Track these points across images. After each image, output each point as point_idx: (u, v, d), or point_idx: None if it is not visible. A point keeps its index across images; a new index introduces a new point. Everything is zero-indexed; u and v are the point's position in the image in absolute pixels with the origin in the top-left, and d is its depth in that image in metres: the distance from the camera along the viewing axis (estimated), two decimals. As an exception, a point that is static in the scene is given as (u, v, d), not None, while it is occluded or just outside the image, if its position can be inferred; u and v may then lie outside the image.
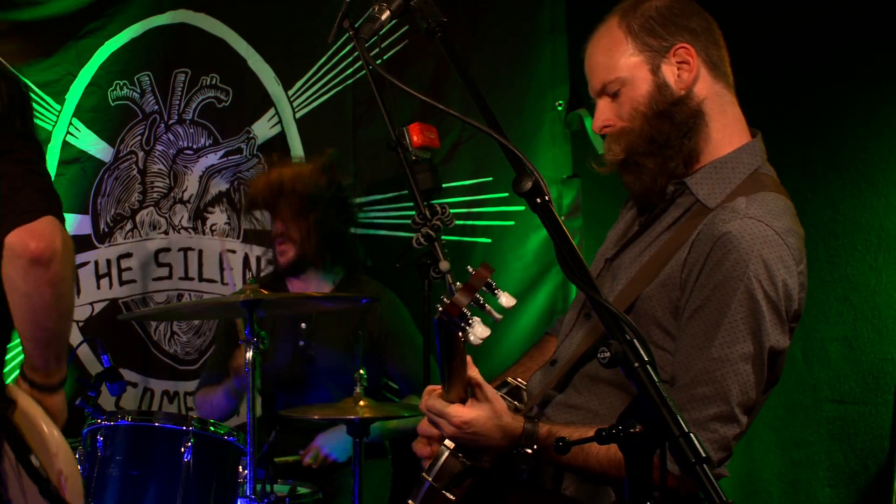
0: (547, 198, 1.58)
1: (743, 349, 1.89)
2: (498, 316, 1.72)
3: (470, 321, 1.73)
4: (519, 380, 2.19)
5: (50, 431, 2.21)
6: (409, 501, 2.12)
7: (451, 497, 2.06)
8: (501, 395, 2.06)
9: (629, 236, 2.18)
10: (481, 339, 1.73)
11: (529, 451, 1.95)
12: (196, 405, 4.21)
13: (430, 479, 2.08)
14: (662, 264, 2.02)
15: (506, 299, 1.72)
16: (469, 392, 1.98)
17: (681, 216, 2.05)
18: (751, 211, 1.93)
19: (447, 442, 2.07)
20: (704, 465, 1.35)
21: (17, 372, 2.27)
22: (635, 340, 1.45)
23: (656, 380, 1.43)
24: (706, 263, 1.94)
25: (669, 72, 2.03)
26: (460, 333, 1.75)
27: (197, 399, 4.16)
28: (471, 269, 1.73)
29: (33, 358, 2.24)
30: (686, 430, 1.39)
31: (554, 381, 2.12)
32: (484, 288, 1.71)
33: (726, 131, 2.06)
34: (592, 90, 2.15)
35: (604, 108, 2.10)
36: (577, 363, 2.09)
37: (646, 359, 1.43)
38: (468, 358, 1.92)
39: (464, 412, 1.96)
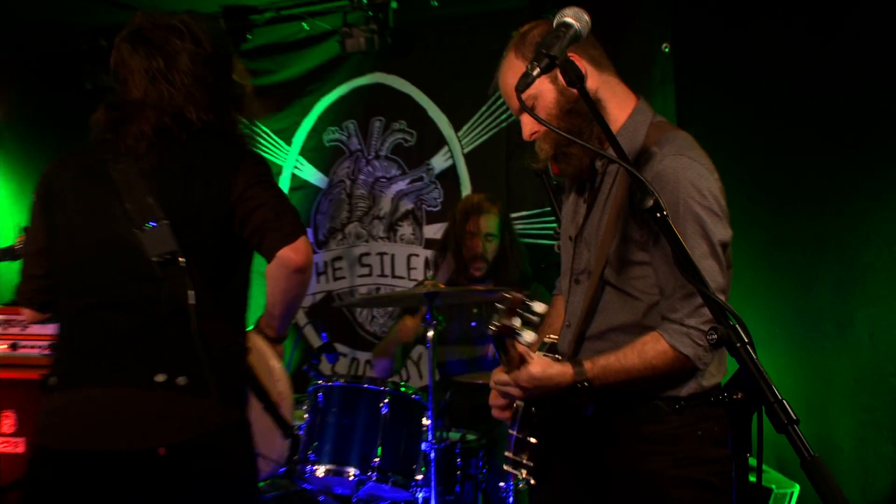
0: (666, 213, 1.57)
1: (701, 251, 1.91)
2: (536, 319, 1.81)
3: (518, 332, 1.82)
4: (552, 336, 2.21)
5: (276, 364, 2.27)
6: (507, 453, 2.18)
7: (534, 441, 2.11)
8: (544, 354, 2.09)
9: (584, 213, 2.15)
10: (529, 343, 1.85)
11: (586, 383, 1.94)
12: (373, 364, 4.40)
13: (514, 432, 2.15)
14: (619, 220, 2.01)
15: (538, 307, 1.83)
16: (521, 362, 1.98)
17: (613, 181, 2.05)
18: (665, 150, 1.96)
19: (518, 402, 2.14)
20: (795, 426, 1.36)
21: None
22: (737, 325, 1.44)
23: (755, 357, 1.43)
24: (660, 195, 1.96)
25: (564, 78, 1.89)
26: (515, 341, 1.86)
27: (374, 361, 4.36)
28: (508, 295, 1.82)
29: (277, 324, 2.28)
30: (780, 398, 1.39)
31: (573, 340, 2.11)
32: (520, 308, 1.79)
33: (620, 106, 2.07)
34: (514, 110, 2.15)
35: (526, 120, 2.08)
36: (584, 323, 2.09)
37: (746, 340, 1.43)
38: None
39: (522, 373, 1.97)
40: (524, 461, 2.12)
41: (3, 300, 4.57)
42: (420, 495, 3.18)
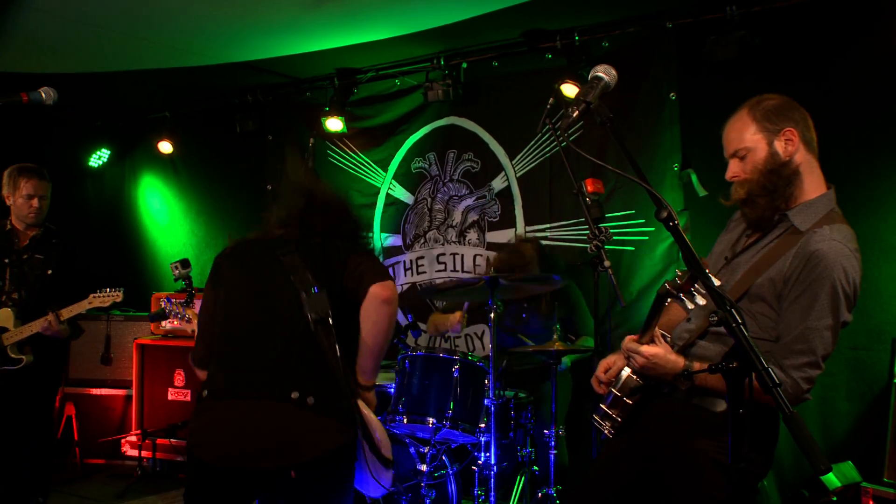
0: (677, 222, 1.57)
1: (826, 322, 1.84)
2: (695, 303, 1.68)
3: (684, 298, 1.69)
4: (662, 331, 2.07)
5: (370, 414, 2.21)
6: (601, 405, 2.11)
7: (630, 402, 2.04)
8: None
9: (743, 245, 2.05)
10: (693, 307, 1.70)
11: (689, 379, 1.89)
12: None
13: (615, 390, 2.07)
14: (769, 265, 1.93)
15: (700, 299, 1.68)
16: (651, 341, 1.96)
17: (780, 235, 1.97)
18: (834, 235, 1.88)
19: (625, 369, 2.05)
20: (778, 389, 1.37)
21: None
22: (732, 310, 1.45)
23: (747, 334, 1.43)
24: (805, 268, 1.86)
25: (779, 145, 1.95)
26: (682, 301, 1.69)
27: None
28: (679, 272, 1.72)
29: (366, 366, 2.22)
30: (766, 366, 1.39)
31: (690, 337, 2.04)
32: (692, 285, 1.68)
33: (813, 184, 1.98)
34: (727, 153, 2.04)
35: (733, 165, 2.01)
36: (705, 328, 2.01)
37: (740, 321, 1.43)
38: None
39: (650, 349, 1.94)
40: (614, 416, 2.07)
41: (176, 288, 4.72)
42: (483, 439, 3.17)
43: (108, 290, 3.54)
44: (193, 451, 2.11)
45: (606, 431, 2.12)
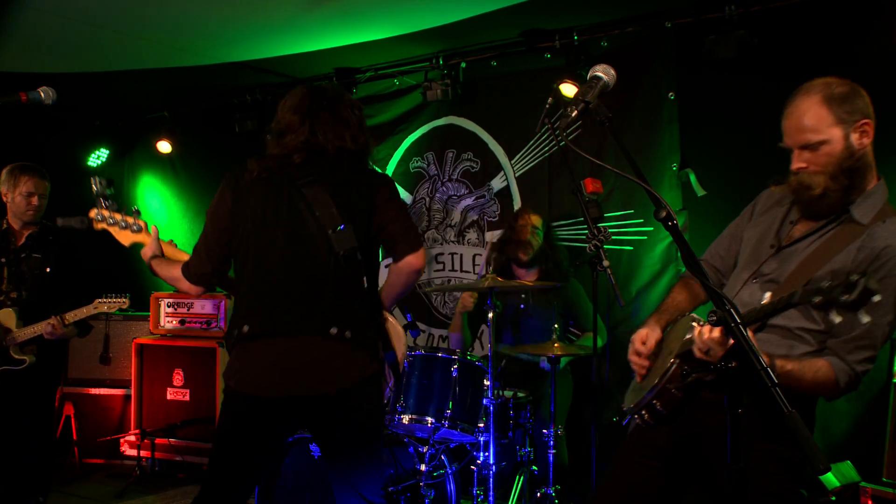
0: (675, 221, 1.57)
1: (889, 318, 1.82)
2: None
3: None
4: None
5: (396, 329, 2.42)
6: (646, 395, 1.97)
7: (678, 394, 1.93)
8: None
9: (794, 233, 1.97)
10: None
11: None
12: (449, 338, 4.33)
13: (663, 382, 1.93)
14: (830, 257, 1.87)
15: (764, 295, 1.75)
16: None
17: (837, 225, 1.92)
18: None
19: (672, 358, 1.92)
20: (777, 388, 1.34)
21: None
22: (731, 309, 1.43)
23: (746, 334, 1.42)
24: (874, 262, 1.82)
25: (855, 137, 1.86)
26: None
27: (449, 335, 4.25)
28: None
29: (388, 303, 2.40)
30: (765, 366, 1.37)
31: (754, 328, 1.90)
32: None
33: (872, 174, 1.93)
34: (794, 143, 1.92)
35: (800, 155, 1.90)
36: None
37: (739, 321, 1.42)
38: None
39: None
40: (657, 406, 1.96)
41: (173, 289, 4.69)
42: (481, 438, 3.16)
43: (114, 296, 3.56)
44: (240, 386, 2.21)
45: (641, 421, 2.02)
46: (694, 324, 1.90)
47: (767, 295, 1.84)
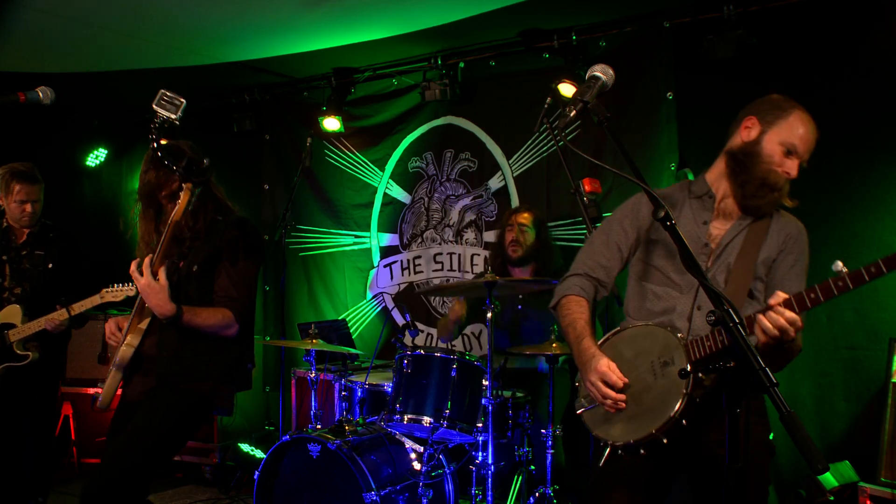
0: (673, 221, 1.58)
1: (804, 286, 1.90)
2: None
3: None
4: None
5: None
6: (656, 429, 1.87)
7: (707, 383, 1.85)
8: None
9: (722, 233, 2.02)
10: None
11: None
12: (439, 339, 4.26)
13: (682, 404, 1.82)
14: (759, 247, 1.96)
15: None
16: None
17: (753, 220, 2.00)
18: (793, 217, 2.02)
19: (683, 370, 1.81)
20: (775, 388, 1.35)
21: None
22: (730, 309, 1.44)
23: (745, 334, 1.43)
24: (797, 242, 1.97)
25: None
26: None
27: (438, 336, 4.24)
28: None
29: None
30: (763, 366, 1.38)
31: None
32: None
33: None
34: (804, 151, 1.97)
35: (795, 164, 1.97)
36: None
37: (737, 321, 1.43)
38: None
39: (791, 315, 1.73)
40: (664, 441, 1.86)
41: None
42: (480, 438, 3.16)
43: (120, 284, 3.44)
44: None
45: (626, 454, 1.98)
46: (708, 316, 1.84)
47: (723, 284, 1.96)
